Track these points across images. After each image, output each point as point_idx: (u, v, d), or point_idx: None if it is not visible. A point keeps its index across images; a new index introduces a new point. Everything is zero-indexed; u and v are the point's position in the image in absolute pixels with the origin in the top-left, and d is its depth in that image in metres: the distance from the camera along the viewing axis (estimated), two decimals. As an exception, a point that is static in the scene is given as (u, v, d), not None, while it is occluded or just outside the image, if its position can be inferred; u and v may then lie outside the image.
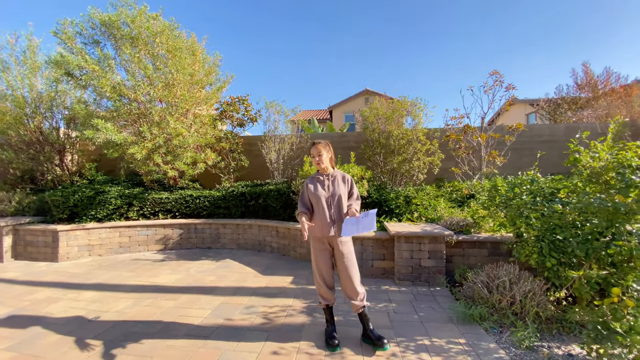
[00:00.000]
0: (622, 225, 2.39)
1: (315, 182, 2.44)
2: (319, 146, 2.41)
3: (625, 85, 7.44)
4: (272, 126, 6.04)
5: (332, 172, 2.46)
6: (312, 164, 2.64)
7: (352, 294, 2.33)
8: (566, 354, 2.21)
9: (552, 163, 6.36)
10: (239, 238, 5.55)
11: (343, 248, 2.34)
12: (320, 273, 2.39)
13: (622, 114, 6.54)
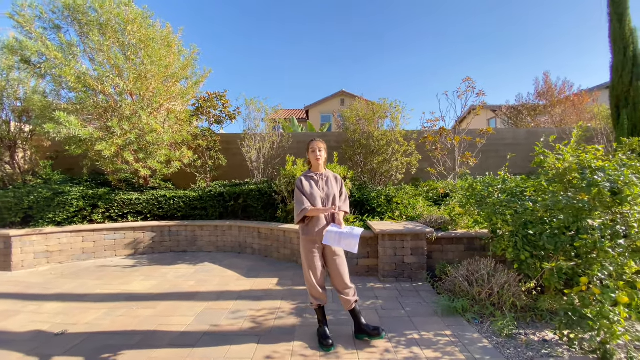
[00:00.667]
0: (585, 221, 2.66)
1: (310, 180, 2.42)
2: (320, 143, 2.41)
3: (576, 93, 8.35)
4: (253, 124, 5.88)
5: (325, 172, 2.47)
6: (307, 161, 2.60)
7: (344, 290, 2.35)
8: (541, 340, 2.39)
9: (516, 164, 6.90)
10: (218, 240, 5.33)
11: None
12: (312, 273, 2.37)
13: (574, 120, 7.34)
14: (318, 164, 2.42)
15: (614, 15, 3.52)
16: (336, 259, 2.35)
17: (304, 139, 6.66)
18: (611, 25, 3.61)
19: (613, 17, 3.55)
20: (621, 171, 2.59)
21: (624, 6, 3.39)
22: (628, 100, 3.46)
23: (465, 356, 2.18)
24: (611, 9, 3.58)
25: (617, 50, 3.53)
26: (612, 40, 3.63)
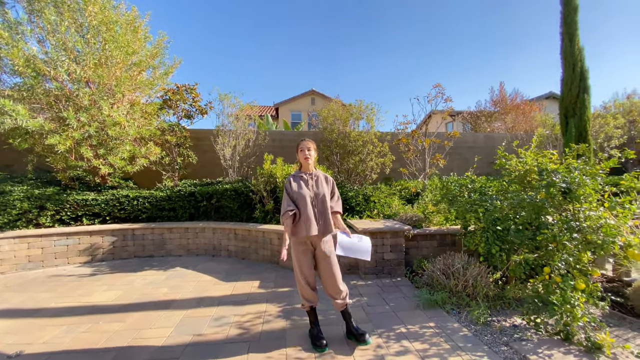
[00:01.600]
0: (545, 217, 2.99)
1: (299, 180, 2.37)
2: (309, 142, 2.38)
3: (525, 102, 9.39)
4: (227, 120, 5.61)
5: (315, 172, 2.44)
6: (297, 161, 2.55)
7: (335, 293, 2.32)
8: (512, 325, 2.64)
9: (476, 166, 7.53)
10: (189, 243, 5.00)
11: (325, 248, 2.32)
12: (303, 275, 2.33)
13: (524, 127, 8.25)
14: (307, 164, 2.38)
15: (566, 35, 4.02)
16: (327, 260, 2.32)
17: (280, 137, 6.53)
18: (563, 43, 4.12)
19: (565, 36, 4.05)
20: (575, 173, 2.94)
21: (574, 27, 3.90)
22: (575, 110, 3.98)
23: (450, 345, 2.32)
24: (563, 28, 4.08)
25: (567, 66, 4.04)
26: (563, 57, 4.14)
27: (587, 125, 3.96)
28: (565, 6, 4.07)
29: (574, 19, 3.98)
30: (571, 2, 3.97)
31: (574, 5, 3.95)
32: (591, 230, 2.63)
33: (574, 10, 3.96)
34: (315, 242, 2.32)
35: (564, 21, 4.11)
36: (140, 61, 4.20)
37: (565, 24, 4.10)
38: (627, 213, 2.54)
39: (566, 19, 4.08)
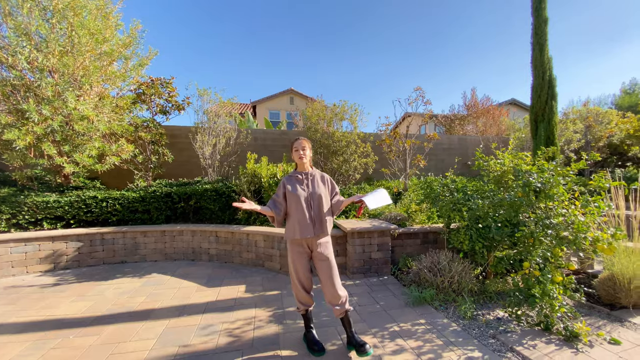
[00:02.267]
0: (523, 215, 3.18)
1: (293, 180, 2.31)
2: (304, 141, 2.31)
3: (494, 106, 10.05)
4: (206, 117, 5.35)
5: (311, 171, 2.38)
6: (292, 159, 2.47)
7: (333, 298, 2.21)
8: (495, 318, 2.77)
9: (449, 166, 7.89)
10: (166, 247, 4.70)
11: (323, 250, 2.25)
12: (298, 278, 2.27)
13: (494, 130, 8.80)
14: (302, 163, 2.32)
15: (536, 45, 4.33)
16: (325, 263, 2.24)
17: (262, 136, 6.37)
18: (533, 53, 4.43)
19: (535, 46, 4.37)
20: (546, 173, 3.15)
21: (544, 37, 4.22)
22: (544, 116, 4.30)
23: (443, 341, 2.38)
24: (534, 39, 4.39)
25: (537, 74, 4.35)
26: (533, 65, 4.45)
27: (554, 130, 4.30)
28: (536, 18, 4.39)
29: (544, 30, 4.30)
30: (541, 15, 4.28)
31: (544, 17, 4.27)
32: (564, 227, 2.84)
33: (544, 22, 4.28)
34: (311, 244, 2.26)
35: (535, 32, 4.42)
36: (112, 50, 3.84)
37: (535, 35, 4.42)
38: (596, 210, 2.77)
39: (537, 30, 4.39)
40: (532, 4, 4.42)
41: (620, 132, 6.94)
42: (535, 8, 4.36)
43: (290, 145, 2.39)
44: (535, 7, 4.34)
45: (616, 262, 2.86)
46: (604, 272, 2.98)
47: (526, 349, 2.21)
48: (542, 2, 4.26)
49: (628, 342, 2.23)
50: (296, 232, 2.19)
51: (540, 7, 4.27)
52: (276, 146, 6.35)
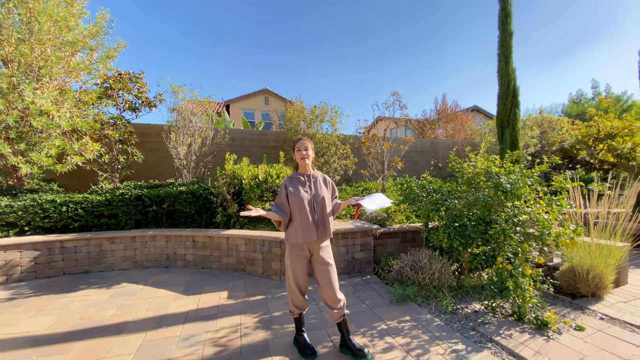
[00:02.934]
0: (495, 214, 3.42)
1: (295, 182, 2.24)
2: (307, 141, 2.25)
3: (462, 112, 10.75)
4: (180, 115, 5.07)
5: (313, 173, 2.31)
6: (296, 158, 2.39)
7: (332, 302, 2.17)
8: (473, 311, 2.94)
9: (422, 168, 8.27)
10: (136, 254, 4.38)
11: (323, 253, 2.21)
12: (296, 282, 2.23)
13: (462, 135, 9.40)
14: (305, 164, 2.23)
15: (502, 57, 4.71)
16: (326, 267, 2.20)
17: (240, 136, 6.18)
18: (499, 64, 4.81)
19: (501, 58, 4.74)
20: (513, 175, 3.42)
21: (509, 50, 4.60)
22: (509, 122, 4.68)
23: (428, 336, 2.48)
24: (500, 51, 4.77)
25: (503, 84, 4.73)
26: (499, 75, 4.83)
27: (518, 135, 4.69)
28: (502, 32, 4.77)
29: (509, 43, 4.68)
30: (507, 29, 4.67)
31: (510, 31, 4.66)
32: (530, 224, 3.10)
33: (509, 36, 4.67)
34: (312, 248, 2.21)
35: (501, 45, 4.80)
36: (76, 40, 3.48)
37: (501, 47, 4.80)
38: (557, 209, 3.06)
39: (502, 42, 4.77)
40: (499, 19, 4.81)
41: (571, 137, 7.78)
42: (501, 22, 4.74)
43: (292, 144, 2.33)
44: (502, 22, 4.72)
45: (575, 255, 3.18)
46: (565, 265, 3.29)
47: (504, 339, 2.37)
48: (508, 17, 4.65)
49: (590, 327, 2.49)
50: (299, 235, 2.13)
51: (506, 22, 4.66)
52: (255, 147, 6.21)
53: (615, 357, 2.08)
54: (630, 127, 6.86)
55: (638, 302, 2.92)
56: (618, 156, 7.17)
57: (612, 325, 2.53)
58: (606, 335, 2.37)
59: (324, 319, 2.79)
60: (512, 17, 4.70)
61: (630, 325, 2.50)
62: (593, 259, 3.04)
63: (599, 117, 7.40)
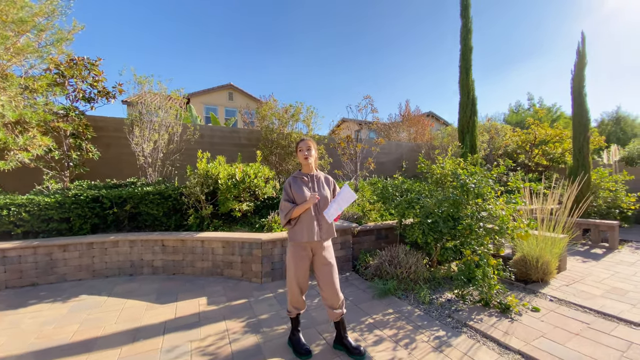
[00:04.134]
0: (462, 211, 3.78)
1: (299, 182, 2.24)
2: (309, 141, 2.26)
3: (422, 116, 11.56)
4: (144, 109, 4.66)
5: (316, 173, 2.32)
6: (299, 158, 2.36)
7: (334, 302, 2.22)
8: (446, 300, 3.22)
9: (389, 168, 8.71)
10: (94, 263, 3.93)
11: (326, 254, 2.25)
12: (298, 282, 2.23)
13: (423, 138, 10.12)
14: (308, 164, 2.25)
15: (463, 69, 5.20)
16: (328, 267, 2.23)
17: (210, 132, 5.87)
18: (460, 75, 5.30)
19: (462, 69, 5.23)
20: (474, 176, 3.81)
21: (469, 63, 5.10)
22: (469, 128, 5.19)
23: (412, 326, 2.66)
24: (461, 63, 5.26)
25: (463, 93, 5.22)
26: (460, 86, 5.33)
27: (476, 140, 5.23)
28: (463, 46, 5.26)
29: (469, 57, 5.19)
30: (468, 43, 5.17)
31: (470, 46, 5.17)
32: (491, 220, 3.50)
33: (469, 50, 5.17)
34: (315, 248, 2.23)
35: (462, 57, 5.30)
36: (22, 19, 2.95)
37: (462, 60, 5.29)
38: (514, 206, 3.49)
39: (463, 56, 5.26)
40: (461, 35, 5.30)
41: (513, 143, 8.87)
42: (463, 38, 5.24)
43: (295, 145, 2.31)
44: (463, 37, 5.22)
45: (525, 246, 3.66)
46: (517, 254, 3.77)
47: (476, 323, 2.65)
48: (469, 34, 5.16)
49: (544, 308, 2.90)
50: (304, 235, 2.14)
51: (467, 37, 5.16)
52: (226, 144, 5.94)
53: (568, 333, 2.47)
54: (560, 135, 8.10)
55: (577, 285, 3.48)
56: (550, 160, 8.39)
57: (560, 305, 2.98)
58: (557, 314, 2.79)
59: (311, 317, 2.82)
60: (472, 34, 5.23)
61: (575, 305, 2.97)
62: (541, 249, 3.54)
63: (535, 125, 8.56)
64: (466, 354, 2.24)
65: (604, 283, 3.54)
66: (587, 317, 2.74)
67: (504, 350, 2.30)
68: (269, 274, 3.77)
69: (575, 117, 5.69)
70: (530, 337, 2.41)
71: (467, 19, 5.17)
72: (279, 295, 3.36)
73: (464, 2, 5.17)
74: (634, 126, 20.17)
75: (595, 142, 8.18)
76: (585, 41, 5.60)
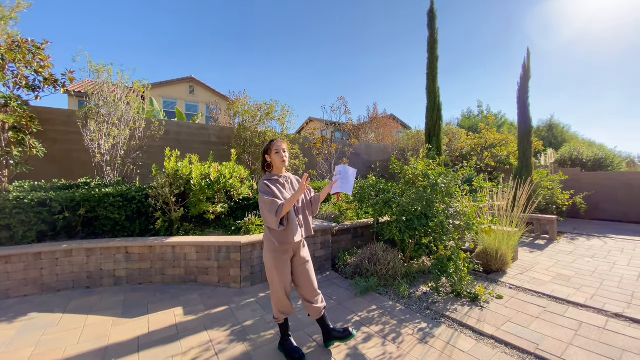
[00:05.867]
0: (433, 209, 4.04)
1: (277, 184, 2.20)
2: (284, 143, 2.26)
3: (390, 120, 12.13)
4: (102, 101, 4.17)
5: (287, 175, 2.32)
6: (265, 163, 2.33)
7: (312, 297, 2.28)
8: (423, 293, 3.43)
9: (359, 168, 8.95)
10: (43, 275, 3.43)
11: (304, 252, 2.30)
12: (283, 285, 2.20)
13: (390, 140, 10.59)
14: (284, 166, 2.25)
15: (430, 76, 5.56)
16: (306, 265, 2.28)
17: (177, 129, 5.46)
18: (427, 82, 5.67)
19: (429, 76, 5.60)
20: (442, 177, 4.10)
21: (435, 70, 5.48)
22: (435, 132, 5.58)
23: (396, 320, 2.80)
24: (428, 70, 5.62)
25: (430, 99, 5.59)
26: (427, 92, 5.69)
27: (441, 143, 5.64)
28: (430, 54, 5.63)
29: (435, 65, 5.56)
30: (434, 52, 5.54)
31: (436, 55, 5.55)
32: (459, 217, 3.81)
33: (436, 59, 5.55)
34: (296, 249, 2.24)
35: (429, 65, 5.67)
36: None
37: (429, 68, 5.66)
38: (478, 204, 3.84)
39: (430, 64, 5.63)
40: (428, 44, 5.67)
41: (467, 146, 9.74)
42: (429, 47, 5.61)
43: (268, 145, 2.25)
44: (430, 47, 5.59)
45: (486, 239, 4.05)
46: (479, 247, 4.15)
47: (452, 313, 2.87)
48: (435, 44, 5.53)
49: (506, 296, 3.24)
50: (296, 235, 2.13)
51: (434, 47, 5.53)
52: (194, 142, 5.58)
53: (529, 317, 2.80)
54: (506, 139, 9.11)
55: (530, 273, 3.95)
56: (498, 161, 9.38)
57: (519, 292, 3.36)
58: (518, 300, 3.14)
59: (298, 320, 2.81)
60: (437, 44, 5.63)
61: (531, 291, 3.37)
62: (499, 242, 3.94)
63: (486, 130, 9.50)
64: (448, 343, 2.41)
65: (551, 270, 4.07)
66: (543, 301, 3.13)
67: (479, 336, 2.52)
68: (248, 278, 3.64)
69: (520, 124, 6.43)
70: (499, 323, 2.68)
71: (433, 29, 5.55)
72: (261, 299, 3.27)
73: (431, 15, 5.55)
74: (564, 132, 23.49)
75: (535, 146, 9.35)
76: (530, 57, 6.36)
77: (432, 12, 5.59)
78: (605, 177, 8.01)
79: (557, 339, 2.42)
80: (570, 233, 6.41)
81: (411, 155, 4.76)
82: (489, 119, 13.71)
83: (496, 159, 9.61)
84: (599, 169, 9.03)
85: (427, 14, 5.67)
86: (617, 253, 4.92)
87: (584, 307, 2.98)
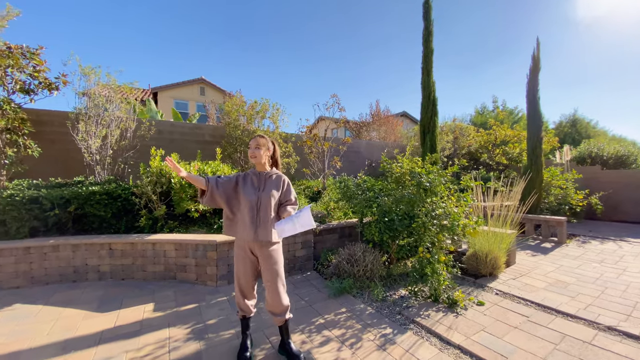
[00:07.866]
0: (417, 209, 3.86)
1: (247, 179, 2.18)
2: (260, 139, 2.18)
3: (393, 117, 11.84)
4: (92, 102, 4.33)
5: (269, 172, 2.22)
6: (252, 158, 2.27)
7: (274, 308, 2.14)
8: (400, 297, 3.27)
9: (359, 167, 8.79)
10: (32, 269, 3.61)
11: (267, 257, 2.14)
12: (238, 282, 2.20)
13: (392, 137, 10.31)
14: (256, 162, 2.16)
15: (425, 70, 5.32)
16: (269, 272, 2.12)
17: (170, 129, 5.59)
18: (422, 77, 5.42)
19: (424, 71, 5.35)
20: (431, 175, 3.90)
21: (430, 65, 5.23)
22: (429, 128, 5.33)
23: (361, 325, 2.67)
24: (423, 65, 5.38)
25: (425, 94, 5.35)
26: (422, 87, 5.45)
27: (436, 140, 5.38)
28: (425, 48, 5.38)
29: (430, 59, 5.31)
30: (429, 46, 5.29)
31: (431, 48, 5.29)
32: (444, 217, 3.60)
33: (431, 52, 5.30)
34: (254, 249, 2.16)
35: (424, 59, 5.42)
36: None
37: (424, 62, 5.41)
38: (465, 203, 3.62)
39: (425, 58, 5.38)
40: (423, 37, 5.42)
41: (476, 143, 9.28)
42: (425, 40, 5.36)
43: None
44: (425, 40, 5.34)
45: (477, 242, 3.81)
46: (470, 250, 3.91)
47: (423, 319, 2.71)
48: (430, 36, 5.28)
49: (489, 302, 3.02)
50: (237, 232, 2.12)
51: (429, 40, 5.28)
52: (187, 141, 5.69)
53: (507, 326, 2.58)
54: (518, 136, 8.57)
55: (523, 279, 3.67)
56: (510, 159, 8.86)
57: (504, 299, 3.12)
58: (500, 307, 2.91)
59: (261, 320, 2.76)
60: (433, 36, 5.37)
61: (518, 298, 3.12)
62: (490, 244, 3.69)
63: (496, 126, 8.99)
64: (407, 351, 2.27)
65: (549, 276, 3.76)
66: (528, 310, 2.88)
67: (445, 345, 2.36)
68: (224, 276, 3.64)
69: (529, 119, 6.02)
70: (471, 332, 2.49)
71: (428, 21, 5.30)
72: (232, 298, 3.26)
73: (426, 5, 5.30)
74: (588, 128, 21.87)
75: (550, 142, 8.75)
76: (539, 47, 5.93)
77: (428, 3, 5.33)
78: (626, 175, 7.33)
79: (531, 353, 2.21)
80: (583, 236, 5.92)
81: (397, 153, 4.57)
82: (499, 115, 12.99)
83: (508, 157, 9.09)
84: (622, 166, 8.28)
85: (423, 5, 5.41)
86: (631, 258, 4.47)
87: (574, 318, 2.71)
